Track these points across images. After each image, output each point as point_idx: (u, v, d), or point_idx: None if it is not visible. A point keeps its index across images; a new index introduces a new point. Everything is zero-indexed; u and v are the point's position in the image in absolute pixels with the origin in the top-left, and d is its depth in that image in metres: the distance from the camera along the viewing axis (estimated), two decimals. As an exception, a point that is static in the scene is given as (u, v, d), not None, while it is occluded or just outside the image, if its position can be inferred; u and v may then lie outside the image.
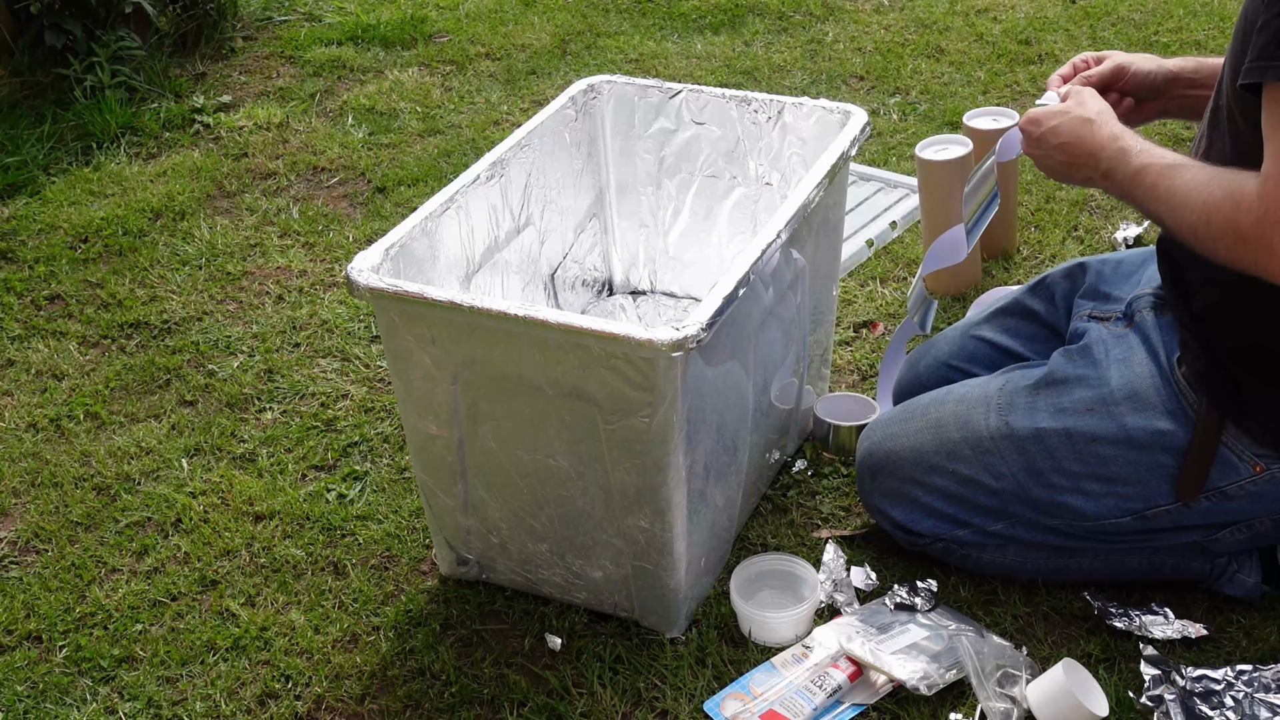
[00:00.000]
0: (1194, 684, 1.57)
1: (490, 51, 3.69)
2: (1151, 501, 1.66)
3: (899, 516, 1.79)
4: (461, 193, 1.83)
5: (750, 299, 1.68)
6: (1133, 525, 1.69)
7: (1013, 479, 1.71)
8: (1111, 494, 1.67)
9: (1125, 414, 1.64)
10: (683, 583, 1.72)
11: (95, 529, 2.05)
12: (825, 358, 2.14)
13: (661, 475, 1.60)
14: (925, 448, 1.77)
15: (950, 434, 1.75)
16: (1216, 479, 1.62)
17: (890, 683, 1.65)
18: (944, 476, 1.75)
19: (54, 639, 1.85)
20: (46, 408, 2.32)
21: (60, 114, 3.33)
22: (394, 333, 1.65)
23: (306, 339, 2.46)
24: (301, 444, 2.19)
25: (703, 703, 1.66)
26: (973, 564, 1.80)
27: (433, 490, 1.79)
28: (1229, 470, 1.62)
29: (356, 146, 3.18)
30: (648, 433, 1.56)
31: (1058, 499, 1.69)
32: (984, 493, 1.73)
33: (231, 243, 2.80)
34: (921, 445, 1.78)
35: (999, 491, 1.72)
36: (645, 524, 1.65)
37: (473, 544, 1.82)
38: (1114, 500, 1.67)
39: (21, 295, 2.66)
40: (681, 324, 1.47)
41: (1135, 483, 1.65)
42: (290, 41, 3.80)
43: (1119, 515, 1.68)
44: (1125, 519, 1.68)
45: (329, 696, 1.73)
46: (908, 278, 2.53)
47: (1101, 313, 1.76)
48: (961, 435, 1.74)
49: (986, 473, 1.72)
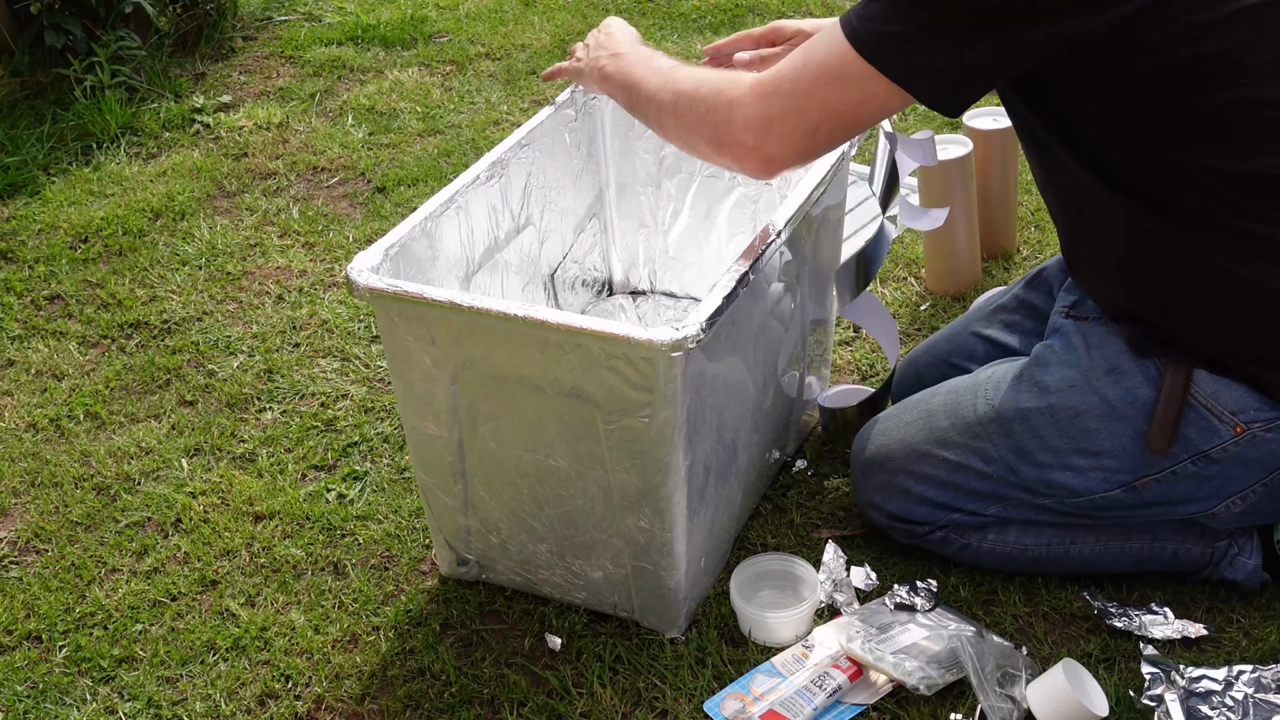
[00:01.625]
0: (1194, 684, 1.57)
1: (490, 51, 3.69)
2: (1139, 471, 1.66)
3: (893, 508, 1.80)
4: (461, 193, 1.83)
5: (750, 299, 1.68)
6: (1124, 498, 1.69)
7: (1001, 461, 1.72)
8: (1099, 468, 1.67)
9: (1106, 387, 1.65)
10: (683, 583, 1.72)
11: (95, 529, 2.05)
12: (825, 357, 2.14)
13: (661, 475, 1.60)
14: (915, 438, 1.78)
15: (939, 422, 1.77)
16: (1199, 441, 1.62)
17: (890, 683, 1.65)
18: (934, 464, 1.76)
19: (54, 639, 1.85)
20: (46, 408, 2.32)
21: (60, 114, 3.33)
22: (393, 333, 1.65)
23: (306, 339, 2.46)
24: (301, 444, 2.19)
25: (703, 703, 1.66)
26: (972, 554, 1.80)
27: (432, 490, 1.79)
28: (1209, 433, 1.61)
29: (356, 146, 3.18)
30: (647, 433, 1.56)
31: (1046, 477, 1.70)
32: (974, 477, 1.74)
33: (231, 243, 2.80)
34: (911, 437, 1.79)
35: (989, 475, 1.73)
36: (645, 524, 1.65)
37: (473, 544, 1.82)
38: (1102, 474, 1.67)
39: (21, 295, 2.66)
40: (681, 324, 1.47)
41: (1121, 454, 1.66)
42: (290, 41, 3.81)
43: (1108, 488, 1.68)
44: (1115, 491, 1.68)
45: (329, 696, 1.73)
46: (907, 278, 2.53)
47: (1080, 312, 1.77)
48: (950, 422, 1.76)
49: (976, 457, 1.73)
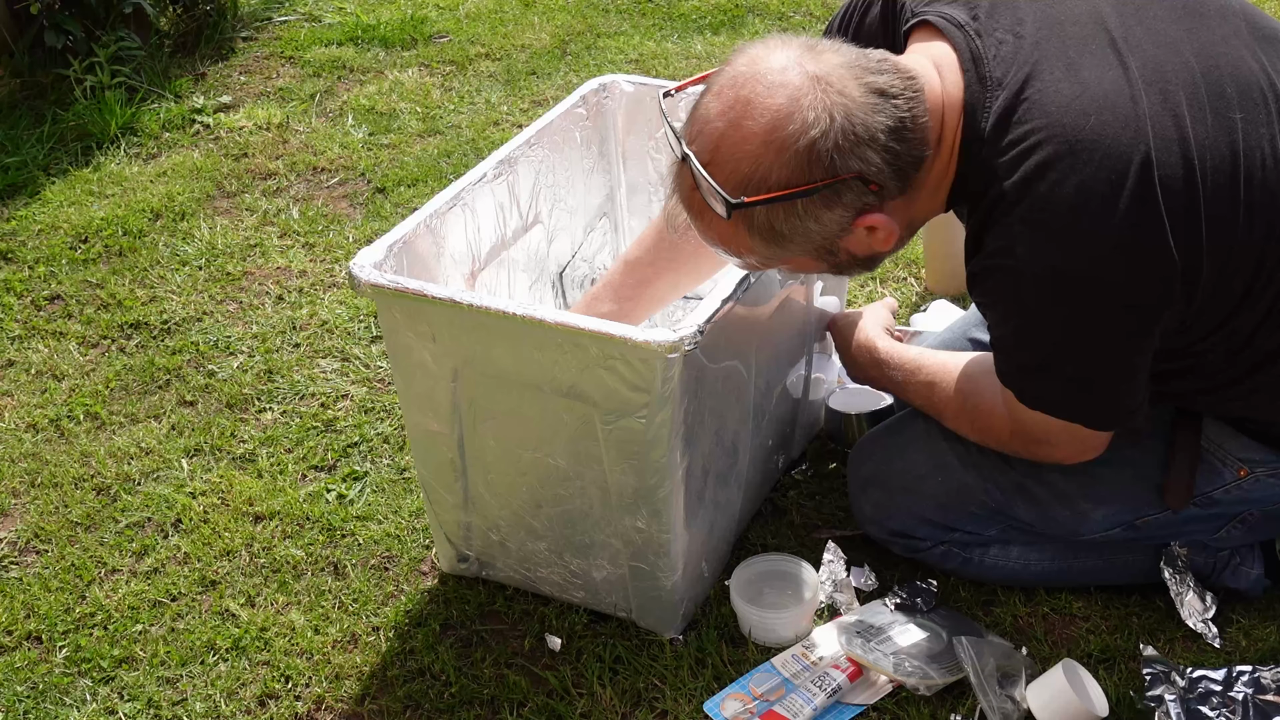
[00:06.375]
0: (1194, 684, 1.57)
1: (490, 52, 3.69)
2: (1140, 512, 1.66)
3: (893, 525, 1.79)
4: (468, 190, 1.83)
5: (752, 301, 1.68)
6: (1123, 535, 1.70)
7: (1001, 495, 1.71)
8: (1101, 508, 1.67)
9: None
10: (680, 584, 1.72)
11: (95, 529, 2.05)
12: (834, 360, 2.13)
13: (658, 476, 1.59)
14: (914, 459, 1.77)
15: (938, 444, 1.75)
16: (1203, 485, 1.62)
17: (890, 683, 1.65)
18: (933, 485, 1.75)
19: (54, 639, 1.85)
20: (46, 408, 2.32)
21: (60, 114, 3.33)
22: (395, 329, 1.65)
23: (306, 339, 2.46)
24: (301, 444, 2.19)
25: (703, 703, 1.66)
26: (974, 569, 1.79)
27: (433, 486, 1.79)
28: (1214, 476, 1.62)
29: (356, 147, 3.18)
30: (645, 433, 1.56)
31: (1047, 514, 1.70)
32: (974, 502, 1.73)
33: (231, 243, 2.80)
34: (910, 457, 1.77)
35: (988, 503, 1.72)
36: (642, 525, 1.65)
37: (473, 541, 1.82)
38: (1103, 514, 1.68)
39: (21, 295, 2.66)
40: (678, 325, 1.47)
41: (1124, 495, 1.66)
42: (290, 42, 3.80)
43: (1109, 528, 1.69)
44: (1115, 530, 1.69)
45: (329, 697, 1.73)
46: (907, 278, 2.53)
47: None
48: (948, 444, 1.73)
49: (976, 485, 1.72)
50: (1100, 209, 1.36)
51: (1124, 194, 1.35)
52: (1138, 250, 1.37)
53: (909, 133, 1.39)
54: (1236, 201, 1.40)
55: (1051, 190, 1.37)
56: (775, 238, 1.43)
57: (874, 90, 1.37)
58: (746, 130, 1.36)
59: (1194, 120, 1.40)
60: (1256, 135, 1.42)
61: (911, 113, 1.39)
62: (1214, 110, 1.41)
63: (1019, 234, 1.39)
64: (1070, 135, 1.37)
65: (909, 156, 1.40)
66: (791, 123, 1.35)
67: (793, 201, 1.38)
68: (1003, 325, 1.49)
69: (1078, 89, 1.39)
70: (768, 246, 1.44)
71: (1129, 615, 1.76)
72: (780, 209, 1.39)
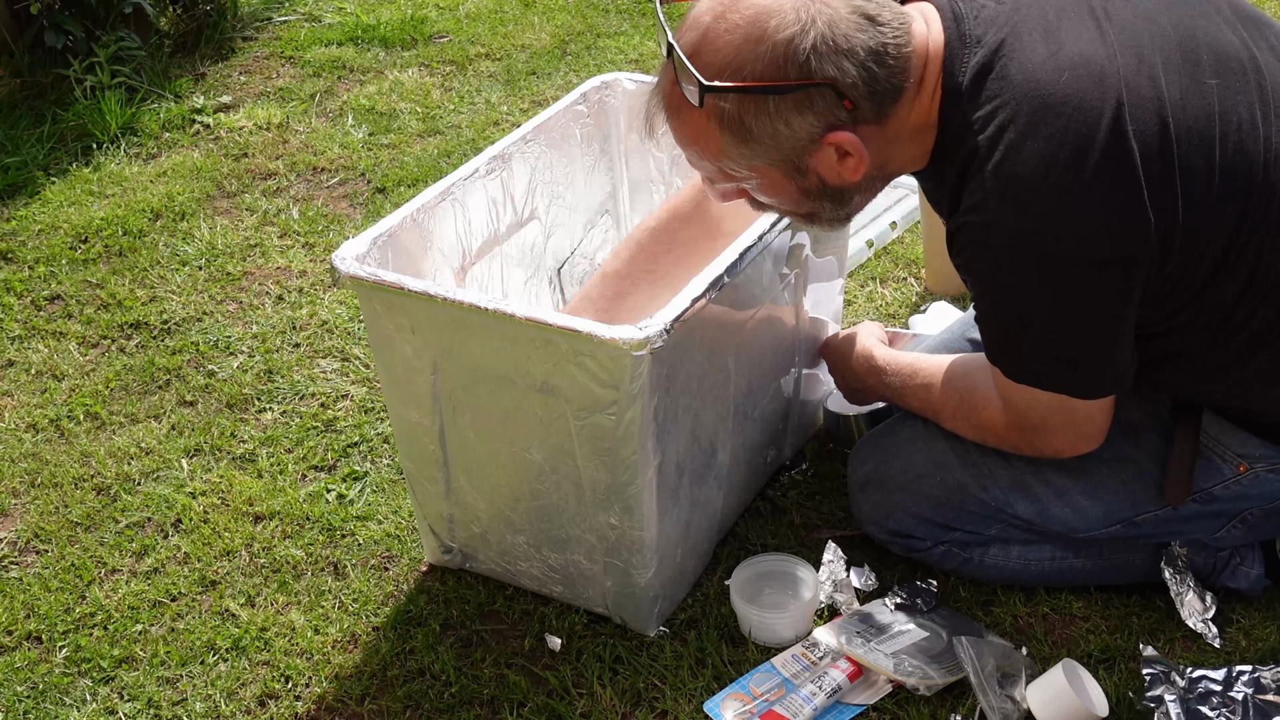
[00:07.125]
0: (1194, 684, 1.57)
1: (490, 52, 3.69)
2: (1139, 508, 1.66)
3: (892, 525, 1.79)
4: (458, 185, 1.84)
5: (733, 300, 1.68)
6: (1123, 533, 1.69)
7: (1000, 493, 1.71)
8: (1100, 505, 1.67)
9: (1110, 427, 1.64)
10: (654, 581, 1.72)
11: (95, 529, 2.05)
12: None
13: (630, 473, 1.60)
14: (913, 459, 1.77)
15: (937, 444, 1.75)
16: (1201, 480, 1.62)
17: (890, 683, 1.65)
18: (932, 486, 1.74)
19: (54, 639, 1.85)
20: (46, 408, 2.32)
21: (60, 114, 3.33)
22: (376, 321, 1.68)
23: (306, 339, 2.46)
24: (301, 444, 2.19)
25: (703, 703, 1.66)
26: (974, 569, 1.79)
27: (416, 477, 1.81)
28: (1213, 472, 1.62)
29: (356, 147, 3.18)
30: (615, 430, 1.56)
31: (1047, 511, 1.70)
32: (973, 501, 1.73)
33: (231, 243, 2.80)
34: (909, 457, 1.77)
35: (988, 502, 1.72)
36: (615, 521, 1.66)
37: (456, 532, 1.83)
38: (1102, 511, 1.67)
39: (21, 295, 2.66)
40: (645, 324, 1.48)
41: (1123, 491, 1.66)
42: (290, 42, 3.80)
43: (1108, 525, 1.68)
44: (1114, 527, 1.69)
45: (329, 696, 1.73)
46: (907, 278, 2.53)
47: None
48: (948, 444, 1.73)
49: (974, 483, 1.72)
50: (1071, 163, 1.37)
51: (1094, 148, 1.37)
52: (1109, 204, 1.38)
53: (890, 59, 1.42)
54: (1212, 163, 1.41)
55: (1022, 144, 1.39)
56: (744, 135, 1.44)
57: (862, 14, 1.41)
58: (730, 22, 1.40)
59: (1169, 82, 1.42)
60: (1233, 100, 1.43)
61: (896, 41, 1.42)
62: (1190, 75, 1.43)
63: (991, 189, 1.41)
64: (1044, 90, 1.39)
65: (887, 83, 1.42)
66: (773, 18, 1.39)
67: (764, 97, 1.40)
68: (981, 288, 1.51)
69: (1054, 48, 1.42)
70: (736, 146, 1.46)
71: (1129, 615, 1.76)
72: (751, 103, 1.41)
